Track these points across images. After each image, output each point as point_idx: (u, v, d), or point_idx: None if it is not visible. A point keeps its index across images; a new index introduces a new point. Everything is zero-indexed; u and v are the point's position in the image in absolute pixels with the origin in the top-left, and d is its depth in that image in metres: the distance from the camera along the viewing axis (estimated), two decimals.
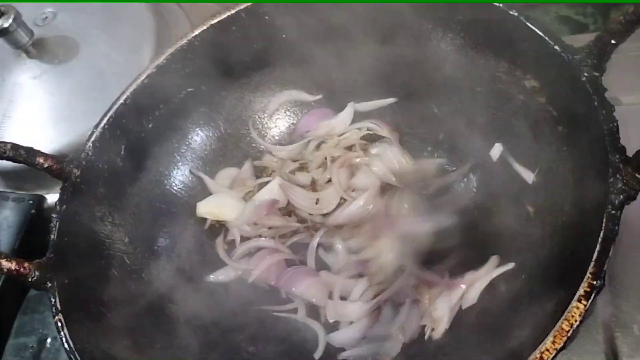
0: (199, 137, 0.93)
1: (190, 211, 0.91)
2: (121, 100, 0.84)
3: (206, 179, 0.92)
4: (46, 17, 1.12)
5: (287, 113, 0.97)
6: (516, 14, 0.73)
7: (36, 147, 0.79)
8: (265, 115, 0.97)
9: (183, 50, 0.87)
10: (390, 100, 0.92)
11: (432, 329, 0.75)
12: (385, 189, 0.88)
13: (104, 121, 0.83)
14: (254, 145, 0.96)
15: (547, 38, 0.70)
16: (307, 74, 0.94)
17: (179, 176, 0.91)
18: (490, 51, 0.80)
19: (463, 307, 0.75)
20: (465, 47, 0.83)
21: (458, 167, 0.86)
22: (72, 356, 0.66)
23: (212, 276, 0.87)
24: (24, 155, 0.77)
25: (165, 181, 0.90)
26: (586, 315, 0.54)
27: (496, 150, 0.83)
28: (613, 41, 0.64)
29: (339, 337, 0.78)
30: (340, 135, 0.93)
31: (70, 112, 1.04)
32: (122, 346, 0.74)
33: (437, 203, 0.85)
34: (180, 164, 0.91)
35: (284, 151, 0.95)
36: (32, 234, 1.00)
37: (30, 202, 1.02)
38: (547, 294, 0.64)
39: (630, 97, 0.96)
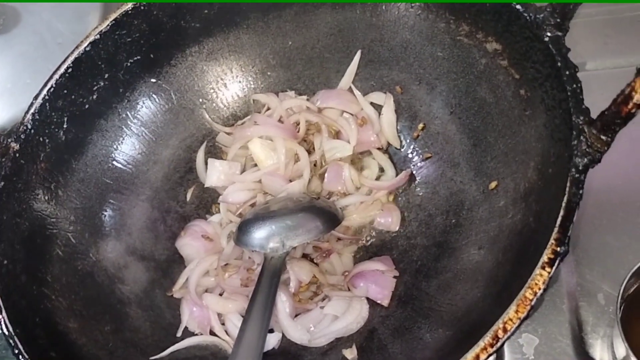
0: (148, 109, 0.87)
1: (140, 186, 0.86)
2: (62, 70, 0.78)
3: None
4: None
5: (244, 83, 0.92)
6: None
7: None
8: (220, 85, 0.92)
9: (128, 16, 0.81)
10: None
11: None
12: None
13: (44, 92, 0.77)
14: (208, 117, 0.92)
15: None
16: (262, 41, 0.89)
17: (127, 150, 0.86)
18: (450, 14, 0.77)
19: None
20: (425, 10, 0.80)
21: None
22: (11, 341, 0.62)
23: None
24: None
25: (113, 155, 0.85)
26: (550, 283, 0.52)
27: None
28: None
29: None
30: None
31: (12, 85, 1.00)
32: (68, 329, 0.71)
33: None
34: (127, 137, 0.86)
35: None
36: None
37: None
38: (510, 262, 0.63)
39: (594, 63, 0.95)
